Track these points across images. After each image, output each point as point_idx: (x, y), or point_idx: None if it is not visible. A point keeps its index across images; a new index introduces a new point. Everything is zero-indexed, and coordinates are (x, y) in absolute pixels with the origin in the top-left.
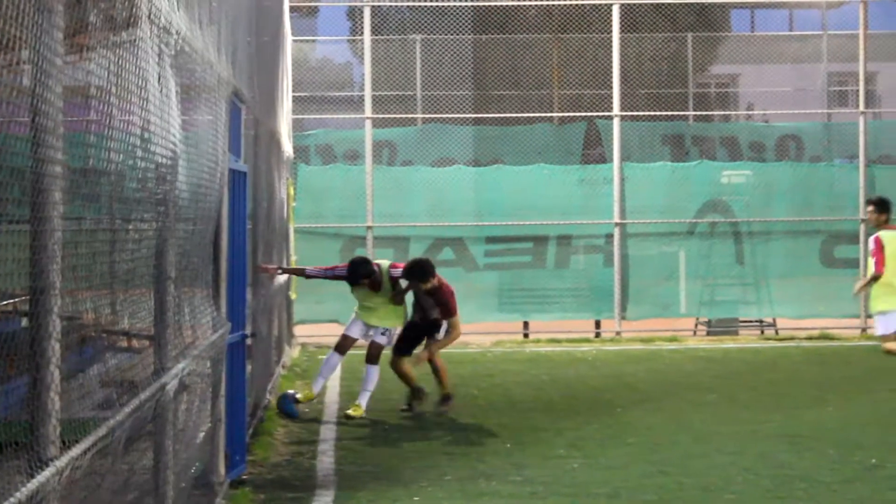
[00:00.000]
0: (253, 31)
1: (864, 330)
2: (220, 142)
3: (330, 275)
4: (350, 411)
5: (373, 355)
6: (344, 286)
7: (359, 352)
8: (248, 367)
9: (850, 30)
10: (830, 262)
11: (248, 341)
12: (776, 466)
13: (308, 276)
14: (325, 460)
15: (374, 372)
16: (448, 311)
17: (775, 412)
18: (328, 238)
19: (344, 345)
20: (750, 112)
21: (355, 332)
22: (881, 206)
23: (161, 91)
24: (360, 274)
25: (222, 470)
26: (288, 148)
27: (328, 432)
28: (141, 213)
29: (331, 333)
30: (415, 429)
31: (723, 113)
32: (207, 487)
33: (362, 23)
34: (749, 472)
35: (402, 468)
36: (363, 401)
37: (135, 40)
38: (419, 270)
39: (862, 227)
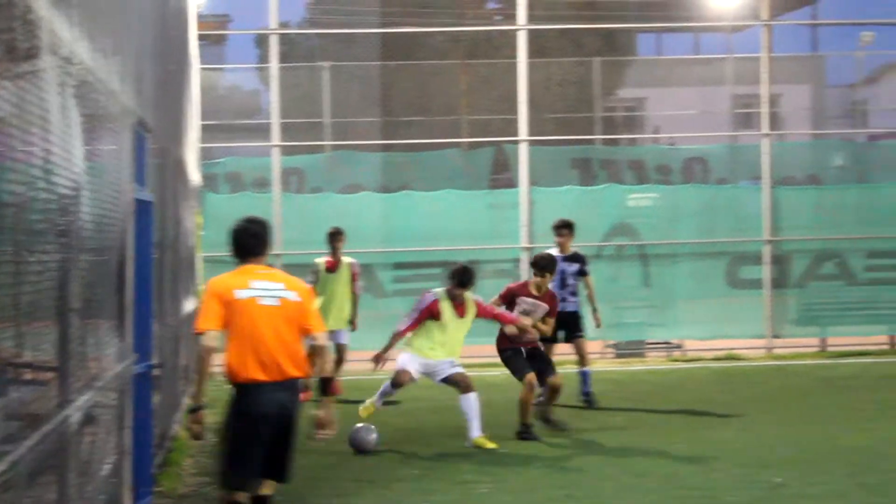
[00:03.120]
0: (159, 59)
1: (769, 350)
2: (125, 171)
3: (417, 314)
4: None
5: (468, 385)
6: None
7: None
8: (155, 398)
9: (754, 53)
10: (736, 283)
11: (155, 371)
12: (683, 487)
13: (403, 334)
14: None
15: (476, 399)
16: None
17: (682, 433)
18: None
19: (401, 381)
20: (656, 135)
21: (413, 368)
22: None
23: (63, 121)
24: (470, 277)
25: (128, 502)
26: (195, 176)
27: None
28: (43, 244)
29: None
30: (324, 454)
31: (630, 136)
32: None
33: (270, 50)
34: (655, 493)
35: (310, 496)
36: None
37: (36, 71)
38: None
39: (766, 248)
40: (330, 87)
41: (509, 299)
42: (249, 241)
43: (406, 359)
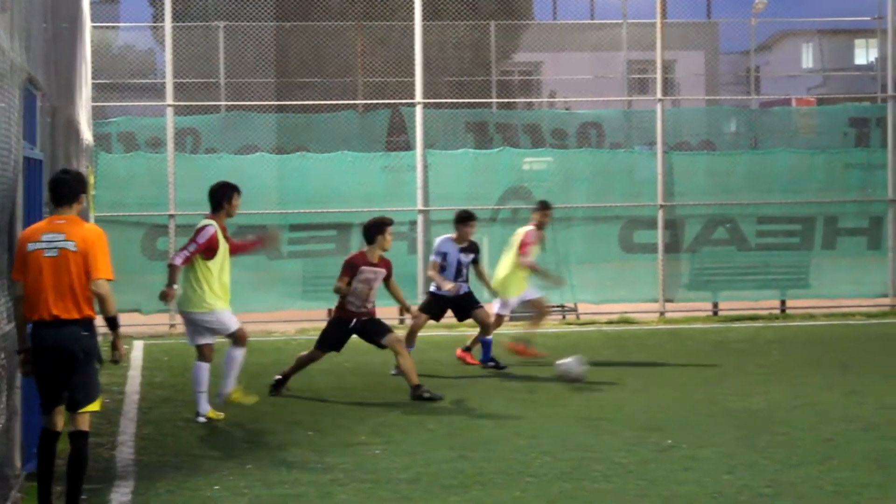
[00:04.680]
0: (49, 17)
1: (662, 314)
2: (14, 129)
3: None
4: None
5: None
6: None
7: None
8: None
9: (649, 19)
10: (630, 247)
11: None
12: (574, 448)
13: None
14: (125, 451)
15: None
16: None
17: (574, 395)
18: (130, 226)
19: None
20: (552, 99)
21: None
22: None
23: None
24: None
25: (18, 462)
26: (87, 136)
27: (128, 425)
28: None
29: (134, 322)
30: (217, 419)
31: (525, 100)
32: (2, 480)
33: (164, 9)
34: (548, 454)
35: (202, 458)
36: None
37: None
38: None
39: (660, 213)
40: (225, 47)
41: (353, 272)
42: (58, 191)
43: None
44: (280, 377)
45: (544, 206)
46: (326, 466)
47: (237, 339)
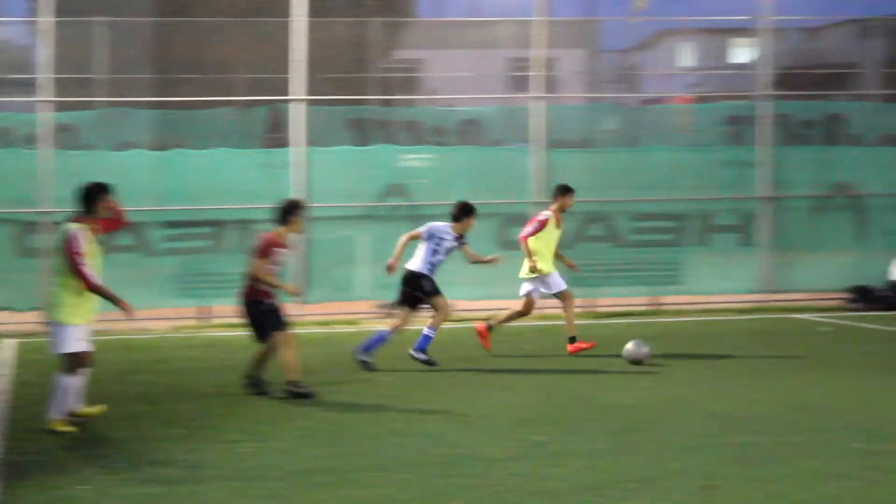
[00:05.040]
0: None
1: (537, 310)
2: None
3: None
4: None
5: None
6: None
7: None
8: None
9: (530, 16)
10: (506, 244)
11: None
12: (446, 445)
13: None
14: None
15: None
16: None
17: (448, 392)
18: (2, 224)
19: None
20: (433, 97)
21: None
22: None
23: None
24: None
25: None
26: None
27: None
28: None
29: (6, 321)
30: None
31: (406, 98)
32: None
33: (42, 4)
34: (420, 452)
35: (71, 457)
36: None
37: None
38: None
39: (533, 211)
40: (104, 42)
41: (270, 253)
42: None
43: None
44: (290, 383)
45: (566, 190)
46: (197, 464)
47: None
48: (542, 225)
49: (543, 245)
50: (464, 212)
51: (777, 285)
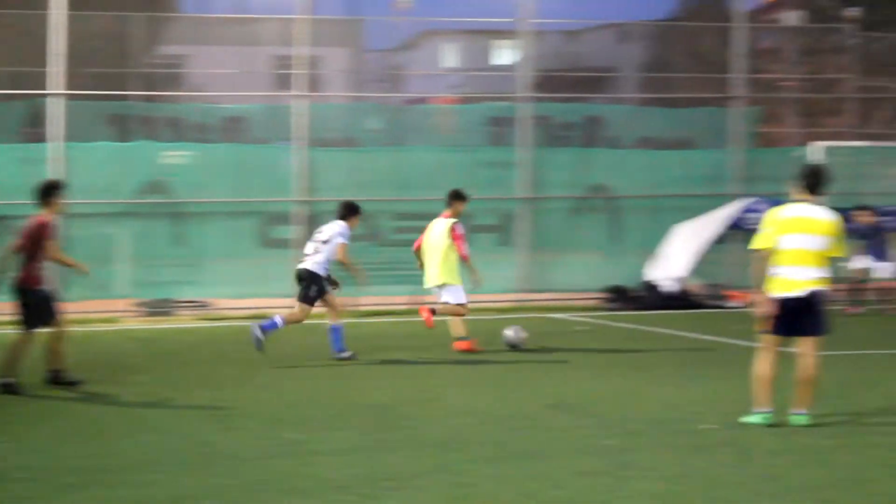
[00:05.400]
0: None
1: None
2: None
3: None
4: None
5: None
6: None
7: None
8: None
9: (294, 14)
10: (267, 242)
11: None
12: (201, 444)
13: None
14: None
15: None
16: None
17: (204, 391)
18: None
19: None
20: (196, 93)
21: None
22: None
23: None
24: None
25: None
26: None
27: None
28: None
29: None
30: None
31: (169, 94)
32: None
33: None
34: (175, 451)
35: None
36: None
37: None
38: None
39: (299, 209)
40: None
41: (46, 232)
42: None
43: None
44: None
45: (460, 196)
46: None
47: None
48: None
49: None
50: (350, 210)
51: (536, 285)
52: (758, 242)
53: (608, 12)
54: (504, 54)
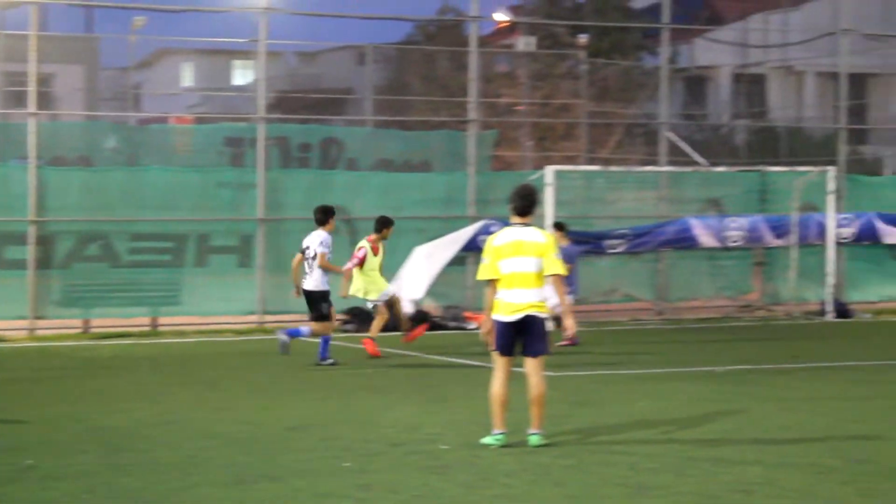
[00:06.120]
0: None
1: (31, 331)
2: None
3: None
4: None
5: None
6: None
7: None
8: None
9: (25, 30)
10: (1, 263)
11: None
12: None
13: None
14: None
15: None
16: None
17: None
18: None
19: None
20: None
21: None
22: None
23: None
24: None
25: None
26: None
27: None
28: None
29: None
30: None
31: None
32: None
33: None
34: None
35: None
36: None
37: None
38: None
39: (31, 229)
40: None
41: None
42: None
43: None
44: None
45: (387, 223)
46: None
47: None
48: (362, 259)
49: (370, 271)
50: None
51: (273, 306)
52: (481, 274)
53: (346, 35)
54: (243, 75)
